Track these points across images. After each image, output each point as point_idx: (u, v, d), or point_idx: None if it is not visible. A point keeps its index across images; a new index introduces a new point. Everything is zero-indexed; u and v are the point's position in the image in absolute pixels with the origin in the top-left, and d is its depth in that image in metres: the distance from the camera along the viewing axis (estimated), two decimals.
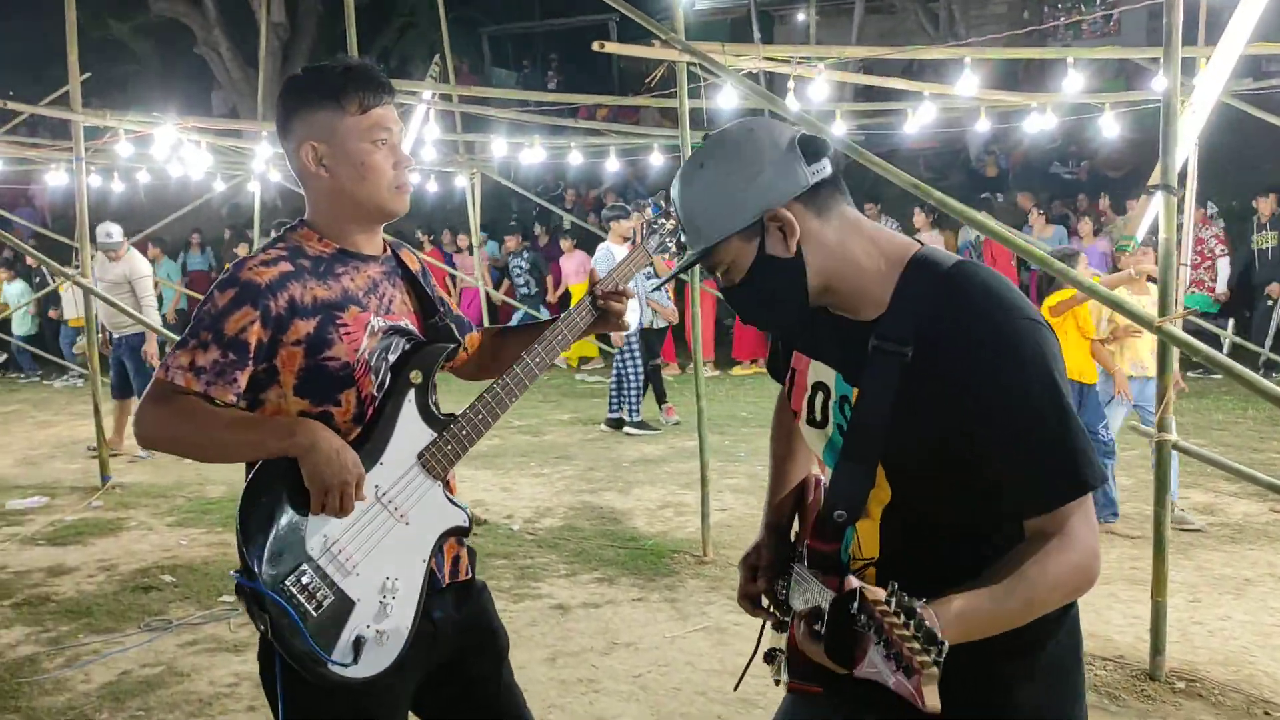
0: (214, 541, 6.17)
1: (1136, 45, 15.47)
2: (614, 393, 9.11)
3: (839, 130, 7.98)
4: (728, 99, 6.65)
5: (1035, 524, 1.51)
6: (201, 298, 1.98)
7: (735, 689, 1.98)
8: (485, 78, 23.10)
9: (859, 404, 1.61)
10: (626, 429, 8.99)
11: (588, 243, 12.96)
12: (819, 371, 1.72)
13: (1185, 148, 3.68)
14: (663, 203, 2.47)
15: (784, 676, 1.77)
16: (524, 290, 13.15)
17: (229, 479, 7.82)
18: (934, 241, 11.96)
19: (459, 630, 2.11)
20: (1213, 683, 3.78)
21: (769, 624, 1.93)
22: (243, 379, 1.90)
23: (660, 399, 9.41)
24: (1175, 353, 3.79)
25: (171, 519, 6.74)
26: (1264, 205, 10.20)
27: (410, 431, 2.02)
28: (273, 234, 2.09)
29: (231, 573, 1.87)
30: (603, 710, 3.82)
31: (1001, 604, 1.44)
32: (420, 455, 2.02)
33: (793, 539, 1.93)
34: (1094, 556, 1.51)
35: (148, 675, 4.23)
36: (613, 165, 10.81)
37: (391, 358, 2.04)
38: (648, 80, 5.72)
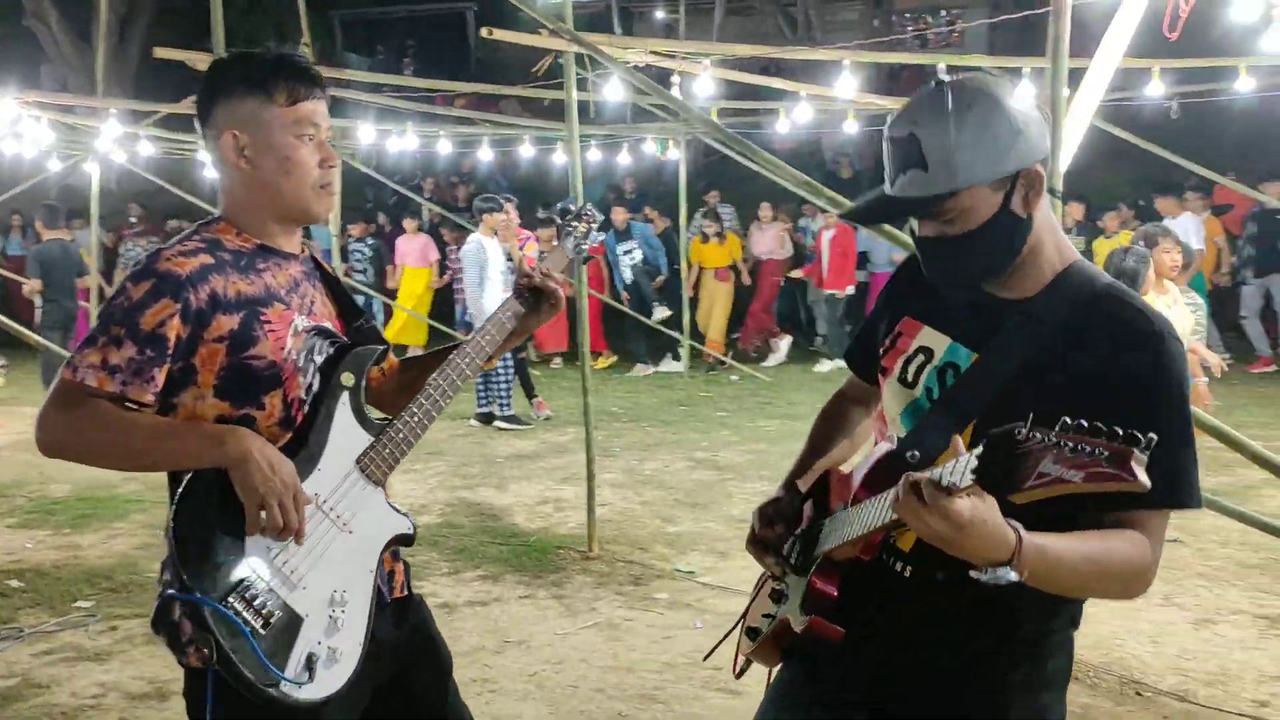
0: (62, 544, 5.77)
1: (977, 55, 16.12)
2: (481, 387, 8.96)
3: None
4: (614, 91, 6.62)
5: (1124, 516, 1.53)
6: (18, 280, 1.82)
7: (705, 659, 1.95)
8: (338, 63, 22.42)
9: (976, 366, 1.65)
10: (497, 423, 8.85)
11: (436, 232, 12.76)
12: (928, 337, 1.74)
13: (1069, 152, 3.83)
14: (573, 206, 2.44)
15: (801, 621, 1.72)
16: (361, 278, 12.71)
17: (72, 477, 7.33)
18: (775, 231, 12.45)
19: (401, 649, 2.00)
20: (1088, 666, 3.96)
21: (764, 591, 1.92)
22: (160, 377, 1.76)
23: (529, 393, 9.31)
24: None
25: (13, 520, 6.28)
26: (1112, 219, 10.72)
27: (346, 436, 1.91)
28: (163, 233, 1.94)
29: (168, 591, 1.72)
30: (500, 710, 3.74)
31: (1077, 553, 1.47)
32: (359, 460, 1.91)
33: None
34: (1155, 566, 1.55)
35: (1, 688, 3.92)
36: (485, 155, 10.63)
37: (319, 359, 1.92)
38: (534, 70, 5.63)
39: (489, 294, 8.02)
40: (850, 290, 11.55)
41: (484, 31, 5.14)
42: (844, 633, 1.70)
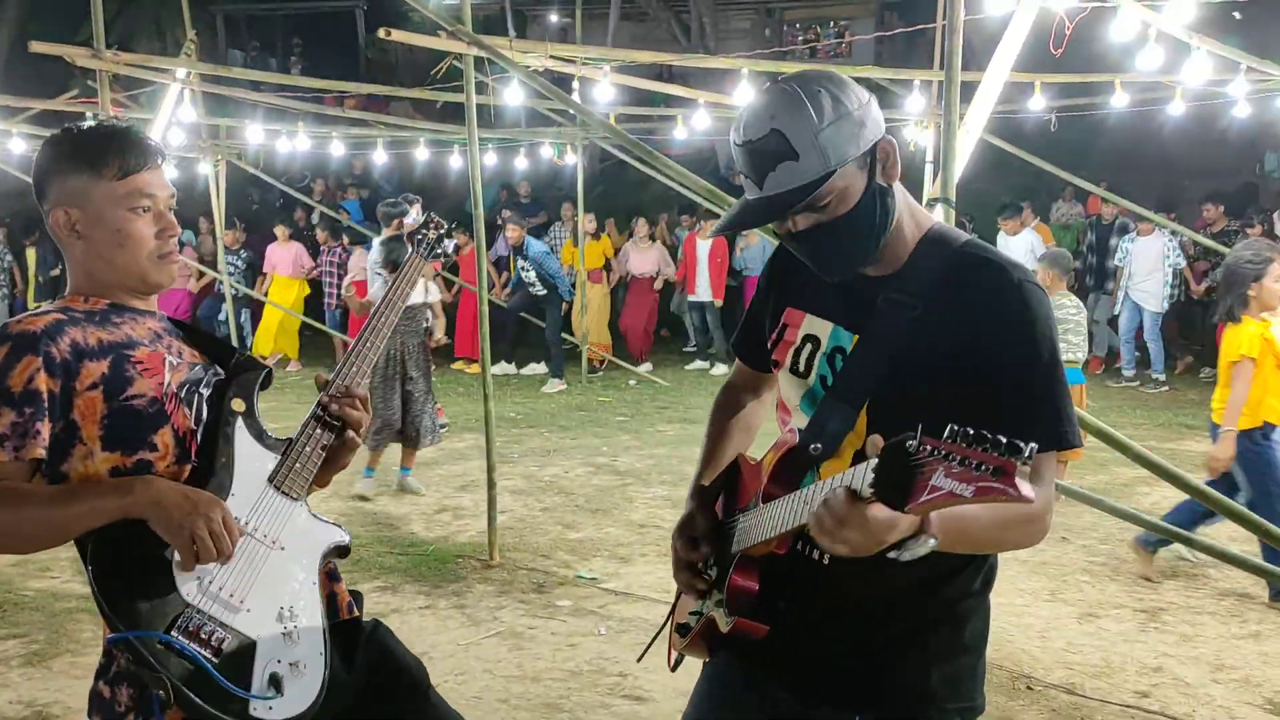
0: None
1: (866, 66, 16.52)
2: None
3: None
4: (514, 95, 6.57)
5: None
6: None
7: (639, 660, 1.94)
8: (220, 59, 21.77)
9: (857, 349, 1.70)
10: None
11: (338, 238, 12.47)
12: (812, 325, 1.78)
13: (961, 163, 3.94)
14: (415, 215, 2.43)
15: (726, 622, 1.73)
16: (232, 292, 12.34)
17: None
18: (654, 254, 12.42)
19: (357, 678, 1.92)
20: None
21: (689, 595, 1.92)
22: (46, 430, 1.70)
23: None
24: None
25: None
26: (1009, 226, 11.08)
27: (252, 459, 1.87)
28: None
29: (108, 638, 1.66)
30: None
31: (982, 515, 1.52)
32: (271, 480, 1.87)
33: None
34: (1050, 511, 1.62)
35: None
36: (380, 158, 10.45)
37: (204, 391, 1.88)
38: (434, 72, 5.55)
39: None
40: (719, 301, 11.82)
41: (382, 32, 5.05)
42: (768, 629, 1.71)
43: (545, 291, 10.87)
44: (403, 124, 10.44)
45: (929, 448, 1.27)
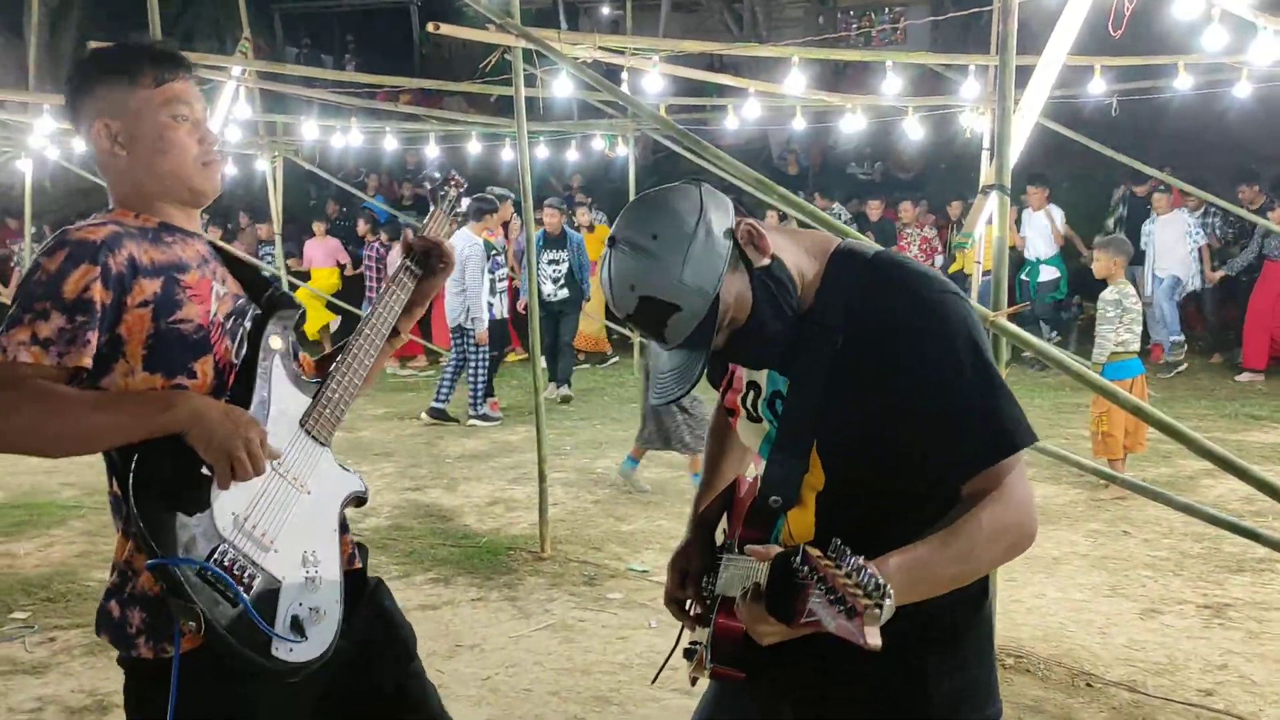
0: None
1: (921, 53, 16.30)
2: (446, 382, 8.91)
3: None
4: (562, 87, 6.56)
5: (970, 486, 1.55)
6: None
7: (653, 683, 1.92)
8: (278, 57, 22.07)
9: (791, 393, 1.66)
10: (471, 420, 8.81)
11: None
12: (752, 373, 1.76)
13: (1017, 148, 3.85)
14: (437, 174, 2.47)
15: (707, 668, 1.73)
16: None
17: (7, 484, 7.16)
18: None
19: (358, 632, 1.94)
20: (1038, 658, 4.00)
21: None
22: (94, 340, 1.70)
23: (488, 393, 9.18)
24: (1006, 345, 3.98)
25: None
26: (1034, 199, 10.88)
27: (286, 399, 1.89)
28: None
29: (148, 563, 1.65)
30: (453, 715, 3.67)
31: (938, 554, 1.49)
32: (302, 422, 1.89)
33: (720, 536, 1.90)
34: (1029, 513, 1.56)
35: None
36: (432, 152, 10.51)
37: (247, 324, 1.89)
38: (483, 65, 5.56)
39: (484, 292, 8.52)
40: None
41: (430, 27, 5.06)
42: (744, 675, 1.68)
43: (567, 294, 10.02)
44: (455, 118, 10.48)
45: (807, 567, 1.28)
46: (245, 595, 1.67)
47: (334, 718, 1.96)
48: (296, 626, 1.74)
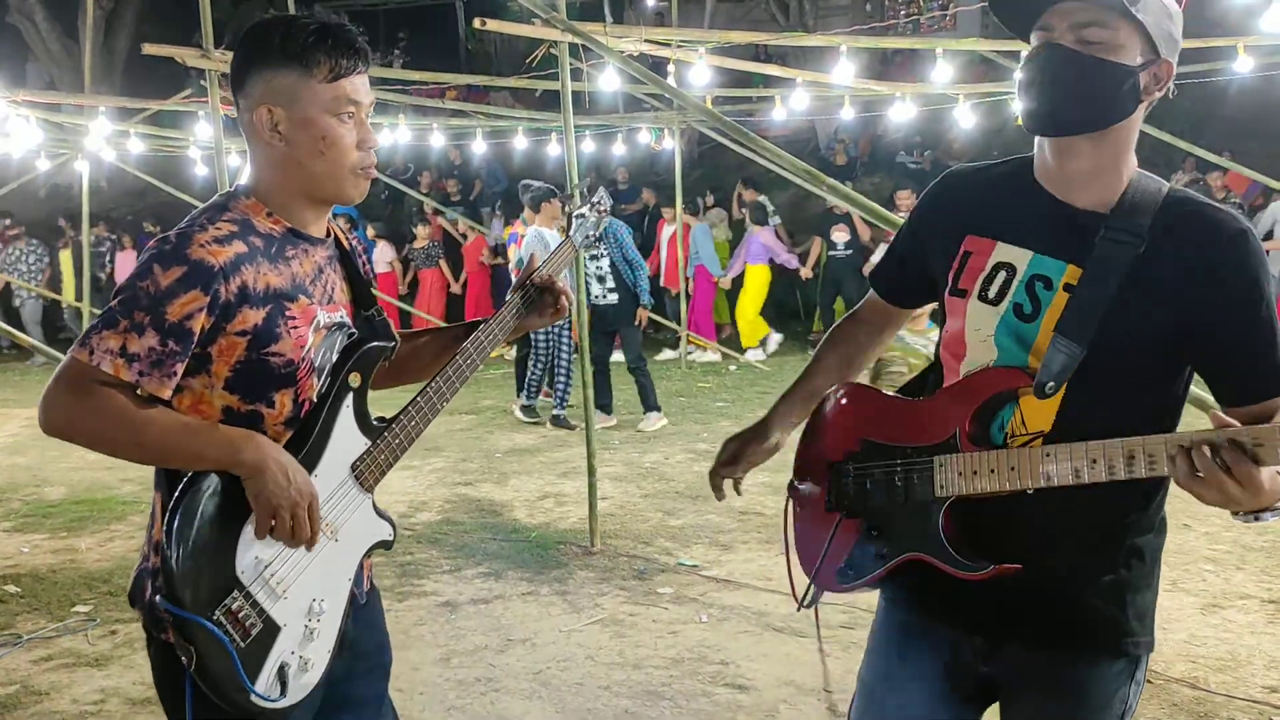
0: (59, 548, 5.72)
1: (971, 39, 16.08)
2: (561, 387, 8.50)
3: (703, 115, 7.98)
4: (609, 81, 6.55)
5: (1249, 412, 1.61)
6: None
7: (799, 609, 1.97)
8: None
9: (1084, 281, 1.67)
10: (545, 418, 8.58)
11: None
12: (1006, 253, 1.75)
13: None
14: (584, 192, 2.37)
15: (976, 569, 1.74)
16: None
17: (68, 479, 7.30)
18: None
19: (355, 643, 1.95)
20: None
21: (840, 531, 1.92)
22: (180, 372, 1.67)
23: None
24: None
25: (8, 524, 6.23)
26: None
27: (345, 440, 1.85)
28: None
29: (158, 599, 1.66)
30: (505, 710, 3.70)
31: None
32: (354, 466, 1.86)
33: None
34: None
35: (0, 695, 3.88)
36: (480, 148, 10.55)
37: (333, 357, 1.85)
38: (529, 60, 5.57)
39: None
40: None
41: (477, 22, 5.07)
42: (1021, 566, 1.71)
43: (618, 299, 8.34)
44: (501, 113, 10.50)
45: None
46: (236, 653, 1.66)
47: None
48: (281, 676, 1.73)
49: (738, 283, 11.86)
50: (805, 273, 12.06)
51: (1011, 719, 1.87)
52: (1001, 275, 1.75)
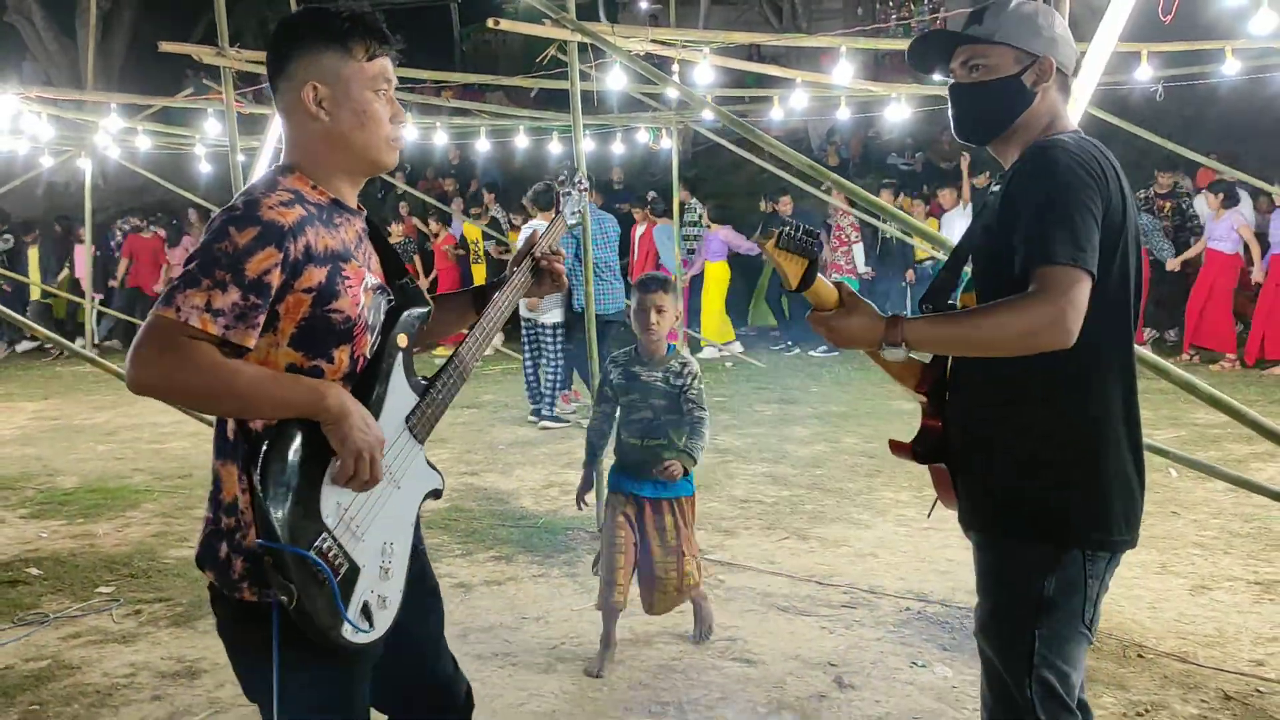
0: (77, 533, 5.84)
1: None
2: (550, 392, 8.54)
3: (708, 115, 8.13)
4: (616, 80, 6.70)
5: (1033, 283, 2.00)
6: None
7: (929, 515, 2.73)
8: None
9: (974, 220, 2.36)
10: (543, 424, 8.52)
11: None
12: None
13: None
14: (566, 173, 2.59)
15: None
16: None
17: (80, 469, 7.42)
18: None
19: (410, 588, 2.09)
20: None
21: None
22: (261, 323, 1.81)
23: (565, 385, 8.91)
24: None
25: (24, 511, 6.34)
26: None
27: (400, 396, 2.02)
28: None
29: (258, 541, 1.79)
30: (524, 681, 3.84)
31: (954, 319, 2.10)
32: (407, 419, 2.02)
33: None
34: (1055, 315, 1.94)
35: (33, 670, 4.01)
36: (483, 147, 10.70)
37: (381, 318, 2.02)
38: (540, 59, 5.71)
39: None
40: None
41: (490, 22, 5.22)
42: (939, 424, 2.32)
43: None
44: (504, 112, 10.65)
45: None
46: (335, 582, 1.81)
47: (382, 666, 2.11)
48: (365, 613, 1.89)
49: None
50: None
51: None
52: None
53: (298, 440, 1.82)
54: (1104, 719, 3.42)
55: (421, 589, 2.18)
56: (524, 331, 8.63)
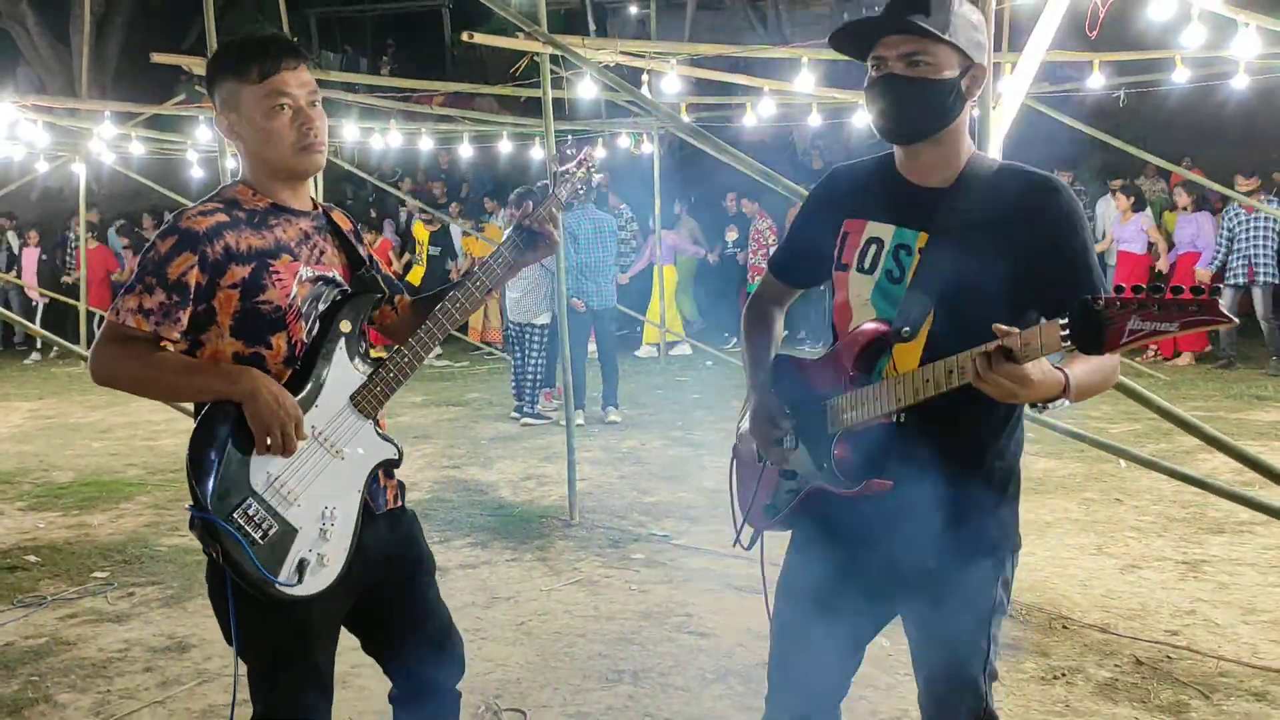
0: (73, 524, 6.12)
1: None
2: (530, 389, 8.76)
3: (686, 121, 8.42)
4: (587, 89, 6.99)
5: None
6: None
7: (734, 545, 2.51)
8: (315, 61, 22.57)
9: (928, 248, 2.07)
10: (525, 420, 8.72)
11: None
12: (875, 230, 2.15)
13: (997, 143, 4.22)
14: (572, 151, 2.64)
15: (850, 485, 2.09)
16: None
17: (76, 464, 7.69)
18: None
19: (389, 554, 2.35)
20: (1020, 605, 4.37)
21: (767, 476, 2.34)
22: (185, 318, 2.12)
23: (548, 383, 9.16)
24: None
25: (22, 503, 6.62)
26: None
27: (342, 376, 2.25)
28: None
29: (187, 507, 2.09)
30: (490, 653, 4.12)
31: (1091, 369, 1.92)
32: (352, 397, 2.26)
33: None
34: (1117, 363, 2.03)
35: (33, 645, 4.28)
36: (466, 152, 10.98)
37: (322, 307, 2.26)
38: (512, 70, 6.00)
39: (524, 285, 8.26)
40: None
41: (464, 36, 5.50)
42: (892, 483, 2.06)
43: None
44: (486, 118, 10.93)
45: (1118, 303, 1.62)
46: (254, 546, 2.09)
47: (364, 620, 2.39)
48: (300, 569, 2.13)
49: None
50: (712, 259, 13.19)
51: (909, 623, 2.25)
52: (873, 248, 2.15)
53: (225, 419, 2.11)
54: (1023, 682, 3.71)
55: (406, 554, 2.39)
56: (511, 334, 8.91)
